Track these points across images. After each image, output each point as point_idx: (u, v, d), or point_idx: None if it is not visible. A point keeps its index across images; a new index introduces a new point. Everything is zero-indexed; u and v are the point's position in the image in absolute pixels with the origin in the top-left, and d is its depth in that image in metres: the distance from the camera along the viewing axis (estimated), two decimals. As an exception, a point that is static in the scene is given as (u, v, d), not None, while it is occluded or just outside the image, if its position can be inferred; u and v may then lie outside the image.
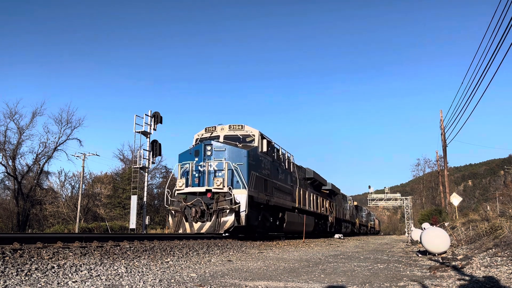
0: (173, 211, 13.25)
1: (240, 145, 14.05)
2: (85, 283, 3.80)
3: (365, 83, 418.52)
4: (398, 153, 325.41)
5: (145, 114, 24.20)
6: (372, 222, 65.45)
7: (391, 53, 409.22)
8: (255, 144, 14.65)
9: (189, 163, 13.50)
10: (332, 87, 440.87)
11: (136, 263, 5.46)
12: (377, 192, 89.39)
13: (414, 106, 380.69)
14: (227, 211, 12.34)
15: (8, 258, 4.46)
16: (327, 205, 26.87)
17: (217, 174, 13.04)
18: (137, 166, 24.03)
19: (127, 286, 3.79)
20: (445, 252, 9.59)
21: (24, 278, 3.75)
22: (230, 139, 14.43)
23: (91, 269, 4.48)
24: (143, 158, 23.99)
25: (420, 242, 10.76)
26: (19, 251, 4.93)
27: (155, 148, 24.53)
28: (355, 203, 46.71)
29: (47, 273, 4.06)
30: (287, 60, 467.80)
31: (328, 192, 28.38)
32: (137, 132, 23.84)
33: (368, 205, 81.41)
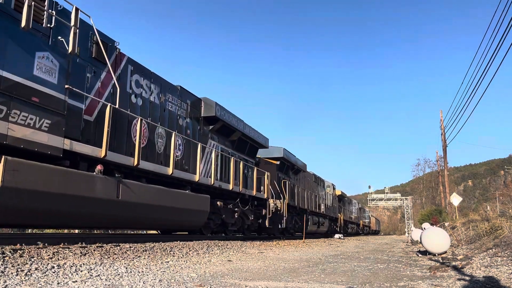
0: None
1: None
2: (85, 283, 3.80)
3: (366, 82, 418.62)
4: (398, 153, 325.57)
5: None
6: (366, 220, 56.37)
7: (391, 53, 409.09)
8: None
9: None
10: (331, 87, 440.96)
11: (136, 263, 5.46)
12: (377, 192, 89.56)
13: (415, 106, 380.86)
14: None
15: (8, 258, 4.45)
16: (266, 181, 15.58)
17: None
18: None
19: (127, 286, 3.79)
20: (445, 252, 9.59)
21: (24, 278, 3.75)
22: None
23: (91, 269, 4.48)
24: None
25: (420, 242, 10.76)
26: (19, 251, 4.93)
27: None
28: (339, 192, 34.47)
29: (47, 273, 4.06)
30: (286, 66, 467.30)
31: (278, 163, 18.24)
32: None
33: (368, 205, 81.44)
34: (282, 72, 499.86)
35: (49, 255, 5.01)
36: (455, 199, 25.92)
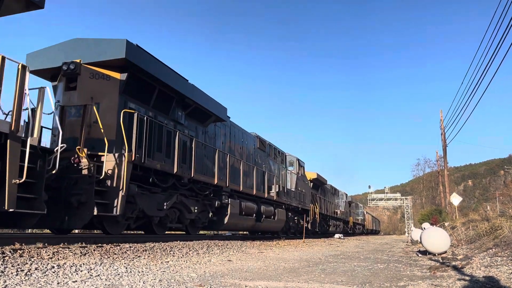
0: None
1: None
2: (85, 283, 3.80)
3: (366, 82, 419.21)
4: (398, 153, 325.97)
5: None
6: (359, 217, 48.38)
7: (391, 53, 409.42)
8: None
9: None
10: (332, 88, 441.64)
11: (136, 263, 5.46)
12: (377, 192, 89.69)
13: (415, 106, 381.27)
14: None
15: (8, 258, 4.46)
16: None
17: None
18: None
19: (127, 286, 3.79)
20: (445, 252, 9.60)
21: (24, 278, 3.75)
22: None
23: (91, 269, 4.48)
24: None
25: (420, 242, 10.77)
26: (19, 251, 4.93)
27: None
28: (313, 175, 24.69)
29: (47, 273, 4.06)
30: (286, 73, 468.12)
31: (124, 77, 8.94)
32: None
33: (368, 205, 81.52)
34: (284, 74, 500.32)
35: (49, 255, 5.02)
36: (455, 199, 25.95)
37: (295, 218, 20.13)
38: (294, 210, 19.92)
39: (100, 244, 6.58)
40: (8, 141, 5.89)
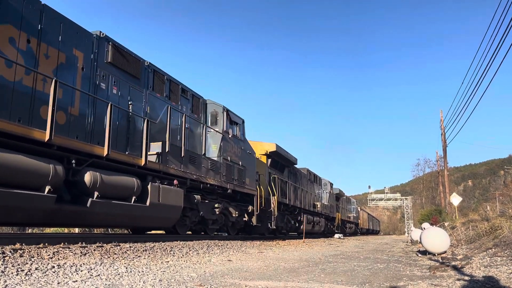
0: None
1: None
2: (85, 282, 3.80)
3: (366, 82, 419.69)
4: (398, 153, 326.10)
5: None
6: (352, 214, 41.41)
7: (391, 53, 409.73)
8: None
9: None
10: (332, 88, 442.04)
11: (136, 262, 5.47)
12: (377, 192, 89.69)
13: (415, 106, 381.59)
14: None
15: (8, 257, 4.46)
16: None
17: None
18: None
19: (127, 286, 3.79)
20: (445, 252, 9.61)
21: (24, 277, 3.76)
22: None
23: (91, 269, 4.48)
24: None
25: (420, 242, 10.79)
26: (19, 251, 4.93)
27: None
28: (272, 147, 17.57)
29: (47, 272, 4.07)
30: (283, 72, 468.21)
31: None
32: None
33: (368, 205, 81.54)
34: (284, 73, 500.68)
35: (49, 255, 5.02)
36: (455, 199, 25.97)
37: (218, 206, 12.02)
38: (219, 193, 12.13)
39: (100, 244, 6.59)
40: None
